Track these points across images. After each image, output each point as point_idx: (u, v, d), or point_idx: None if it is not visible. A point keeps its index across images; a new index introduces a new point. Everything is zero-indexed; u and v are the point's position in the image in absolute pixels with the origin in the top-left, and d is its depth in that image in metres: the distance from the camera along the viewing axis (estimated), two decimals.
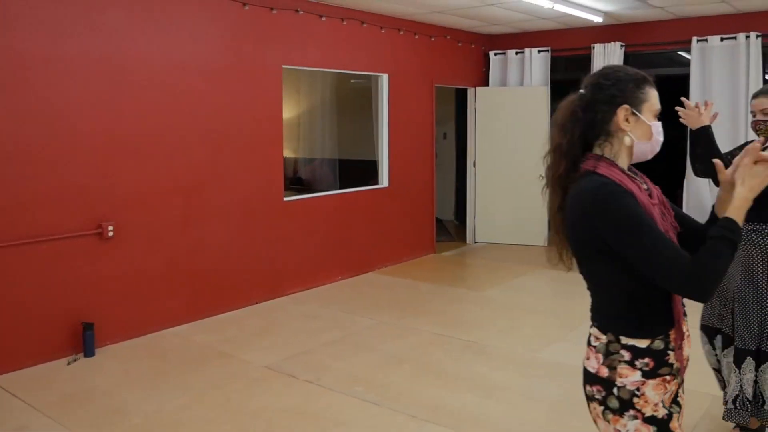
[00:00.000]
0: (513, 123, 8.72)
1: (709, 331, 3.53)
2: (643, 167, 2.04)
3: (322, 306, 6.15)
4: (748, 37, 7.30)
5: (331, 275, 6.93)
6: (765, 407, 3.28)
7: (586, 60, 8.29)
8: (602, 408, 1.81)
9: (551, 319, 5.93)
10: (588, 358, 1.88)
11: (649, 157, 1.92)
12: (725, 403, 3.36)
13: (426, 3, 6.64)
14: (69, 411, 3.90)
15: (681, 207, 7.93)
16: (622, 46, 8.07)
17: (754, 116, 3.34)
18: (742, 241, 3.09)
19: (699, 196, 7.67)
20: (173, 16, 5.33)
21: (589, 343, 1.90)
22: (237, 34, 5.83)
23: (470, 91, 8.96)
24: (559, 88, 8.90)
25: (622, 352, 1.78)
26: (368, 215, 7.38)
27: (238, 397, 4.12)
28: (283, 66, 6.29)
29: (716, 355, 3.53)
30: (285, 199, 6.45)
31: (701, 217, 3.55)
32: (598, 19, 7.47)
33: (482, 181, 8.96)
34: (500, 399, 4.11)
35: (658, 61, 8.34)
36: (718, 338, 3.48)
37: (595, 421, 1.88)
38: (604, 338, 1.83)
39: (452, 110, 10.09)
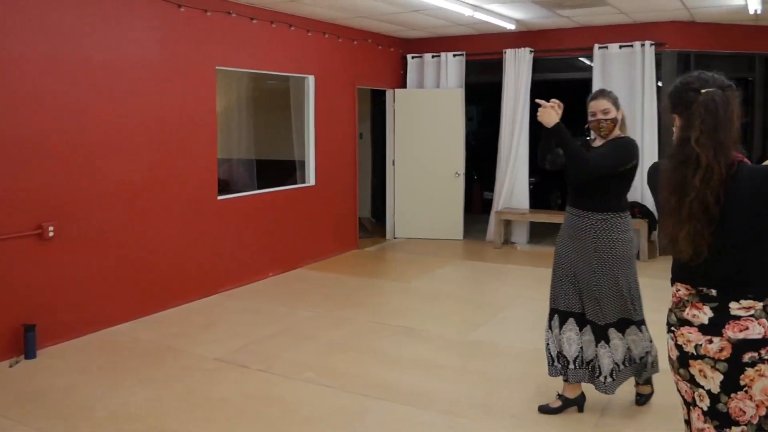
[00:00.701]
0: (430, 123, 9.16)
1: (563, 316, 3.77)
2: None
3: (259, 301, 6.34)
4: (643, 45, 8.04)
5: (262, 272, 7.11)
6: (646, 371, 3.75)
7: (499, 64, 8.85)
8: None
9: (475, 305, 6.39)
10: (746, 329, 2.02)
11: None
12: (604, 378, 3.65)
13: (353, 8, 6.94)
14: (29, 410, 3.93)
15: (556, 194, 8.61)
16: (531, 51, 8.66)
17: (594, 116, 3.69)
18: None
19: None
20: (110, 17, 5.37)
21: (736, 318, 2.04)
22: (172, 36, 5.93)
23: (389, 93, 9.33)
24: (473, 91, 9.45)
25: None
26: (297, 213, 7.61)
27: (199, 387, 4.29)
28: (217, 67, 6.43)
29: (560, 343, 3.76)
30: (219, 198, 6.59)
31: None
32: (510, 26, 8.01)
33: (401, 179, 9.35)
34: (441, 376, 4.48)
35: (563, 66, 8.99)
36: (571, 320, 3.73)
37: (749, 386, 2.02)
38: (760, 305, 2.03)
39: (368, 111, 10.42)
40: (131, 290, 5.65)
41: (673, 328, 2.18)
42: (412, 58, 9.42)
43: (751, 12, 6.81)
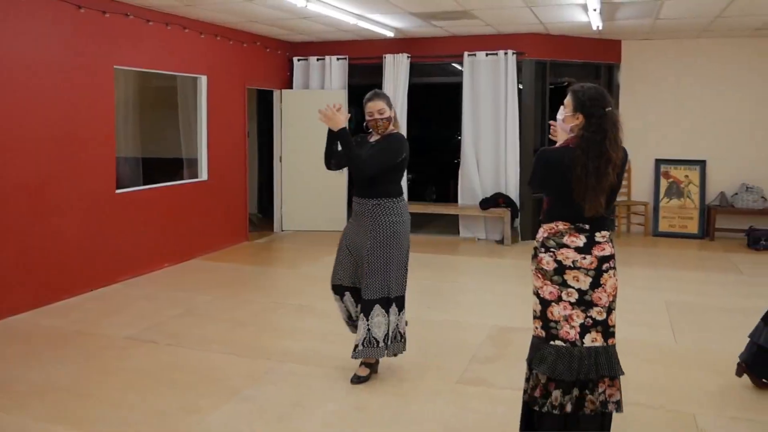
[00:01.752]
0: (314, 122, 9.63)
1: (339, 290, 4.32)
2: (423, 162, 3.11)
3: (159, 288, 6.70)
4: (506, 53, 9.00)
5: (159, 262, 7.44)
6: (397, 342, 4.26)
7: (379, 68, 9.57)
8: None
9: None
10: (604, 249, 3.07)
11: None
12: (356, 346, 4.18)
13: (245, 13, 7.41)
14: None
15: (457, 191, 9.53)
16: (408, 57, 9.44)
17: (371, 116, 4.09)
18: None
19: (471, 183, 9.26)
20: (9, 16, 5.57)
21: (599, 243, 3.07)
22: (72, 36, 6.18)
23: (276, 93, 9.83)
24: (356, 92, 10.11)
25: None
26: (191, 206, 7.98)
27: (114, 361, 4.67)
28: (115, 66, 6.73)
29: (348, 310, 4.35)
30: (117, 191, 6.88)
31: (473, 197, 4.77)
32: (390, 34, 8.75)
33: (287, 174, 9.87)
34: (334, 341, 5.08)
35: (437, 71, 9.82)
36: (347, 294, 4.30)
37: (604, 283, 3.08)
38: (608, 234, 3.09)
39: (254, 110, 10.84)
40: (31, 281, 5.86)
41: (552, 249, 3.11)
42: (298, 60, 9.97)
43: (594, 28, 7.90)
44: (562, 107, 3.28)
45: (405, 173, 4.30)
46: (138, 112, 10.15)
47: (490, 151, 9.20)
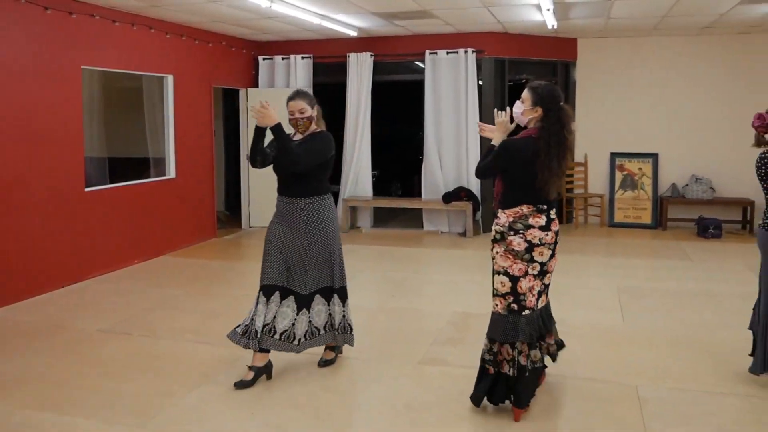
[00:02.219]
0: (280, 119, 9.88)
1: (269, 291, 4.19)
2: (388, 158, 3.37)
3: (129, 284, 6.85)
4: (466, 52, 9.29)
5: (129, 259, 7.58)
6: (346, 333, 4.38)
7: (343, 66, 9.79)
8: None
9: None
10: (557, 225, 3.64)
11: None
12: (299, 340, 4.19)
13: (210, 13, 7.58)
14: None
15: (420, 187, 9.80)
16: (371, 55, 9.68)
17: (292, 115, 4.15)
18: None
19: (434, 178, 9.54)
20: None
21: (553, 219, 3.60)
22: (39, 37, 6.30)
23: (242, 92, 10.00)
24: (321, 90, 10.32)
25: None
26: (159, 204, 8.12)
27: (89, 351, 4.84)
28: (82, 67, 6.86)
29: (265, 315, 4.18)
30: (86, 189, 7.01)
31: (436, 191, 5.04)
32: (353, 33, 8.98)
33: (254, 172, 10.02)
34: None
35: (400, 69, 10.06)
36: (276, 295, 4.18)
37: (555, 253, 3.67)
38: (554, 211, 3.65)
39: (220, 109, 10.98)
40: (2, 278, 5.97)
41: (521, 231, 3.54)
42: (264, 59, 10.14)
43: (549, 27, 8.22)
44: (519, 102, 3.69)
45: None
46: (104, 111, 10.23)
47: (452, 147, 9.49)
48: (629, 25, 8.68)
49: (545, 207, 3.59)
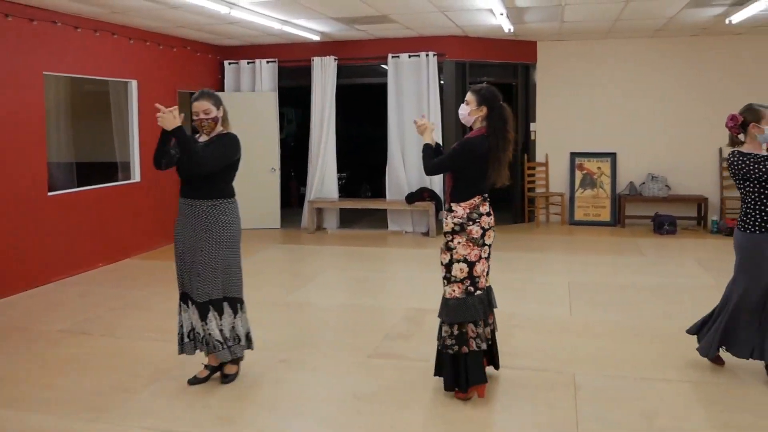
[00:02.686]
0: (247, 124, 9.99)
1: (185, 297, 4.22)
2: (356, 160, 3.55)
3: (94, 286, 6.94)
4: (428, 55, 9.50)
5: (92, 262, 7.66)
6: (237, 345, 4.24)
7: (307, 70, 9.95)
8: None
9: (290, 276, 7.44)
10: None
11: None
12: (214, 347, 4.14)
13: (172, 19, 7.70)
14: None
15: (384, 188, 9.97)
16: (335, 59, 9.84)
17: (197, 116, 4.08)
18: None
19: (398, 179, 9.72)
20: None
21: (491, 203, 3.97)
22: (0, 43, 6.40)
23: None
24: (286, 93, 10.50)
25: None
26: (124, 207, 8.22)
27: (50, 351, 4.95)
28: (44, 72, 6.95)
29: (183, 322, 4.22)
30: (49, 194, 7.09)
31: (400, 192, 5.20)
32: (316, 38, 9.14)
33: None
34: (267, 327, 5.44)
35: (365, 72, 10.23)
36: (186, 299, 4.20)
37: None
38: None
39: (188, 113, 11.04)
40: None
41: (477, 220, 3.86)
42: (229, 64, 10.27)
43: (506, 30, 8.44)
44: (464, 105, 4.03)
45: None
46: (72, 117, 10.27)
47: (415, 148, 9.67)
48: (585, 28, 8.93)
49: (486, 195, 3.98)
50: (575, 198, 10.30)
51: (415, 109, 9.61)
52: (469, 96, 3.99)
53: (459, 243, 3.88)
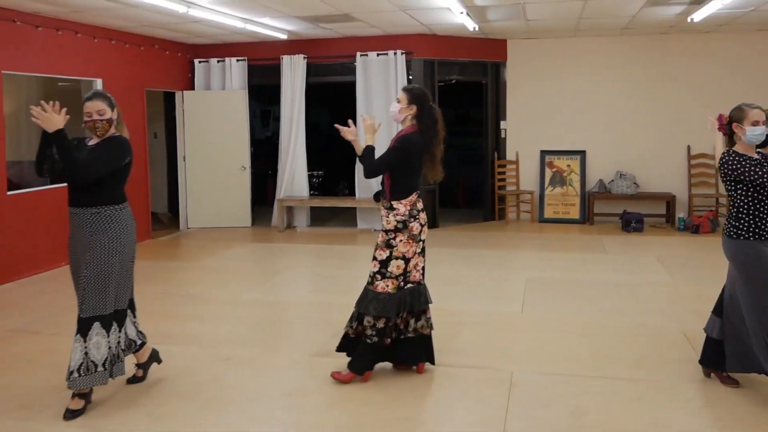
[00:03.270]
0: (217, 122, 10.06)
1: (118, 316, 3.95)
2: (331, 159, 3.57)
3: (53, 286, 6.91)
4: (395, 53, 9.51)
5: (55, 261, 7.64)
6: (119, 362, 3.91)
7: (277, 68, 9.95)
8: None
9: (252, 274, 7.45)
10: None
11: None
12: (70, 372, 3.75)
13: (136, 18, 7.69)
14: None
15: (354, 187, 9.99)
16: (304, 57, 9.85)
17: (90, 117, 3.79)
18: None
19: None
20: None
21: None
22: None
23: (178, 95, 10.10)
24: (256, 91, 10.51)
25: None
26: None
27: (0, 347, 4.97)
28: (4, 72, 6.94)
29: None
30: (8, 193, 7.08)
31: (369, 190, 5.15)
32: (283, 36, 9.14)
33: (191, 173, 10.15)
34: (218, 324, 5.47)
35: (334, 70, 10.24)
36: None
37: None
38: None
39: (162, 112, 11.06)
40: None
41: (417, 216, 4.01)
42: (199, 62, 10.26)
43: (470, 29, 8.46)
44: (395, 103, 4.16)
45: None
46: None
47: (384, 146, 9.65)
48: (552, 26, 8.95)
49: (418, 191, 4.13)
50: (545, 196, 10.34)
51: (383, 107, 9.61)
52: (401, 95, 4.16)
53: (401, 241, 3.98)
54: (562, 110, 10.24)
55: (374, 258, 4.04)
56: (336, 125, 4.30)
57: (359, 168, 9.83)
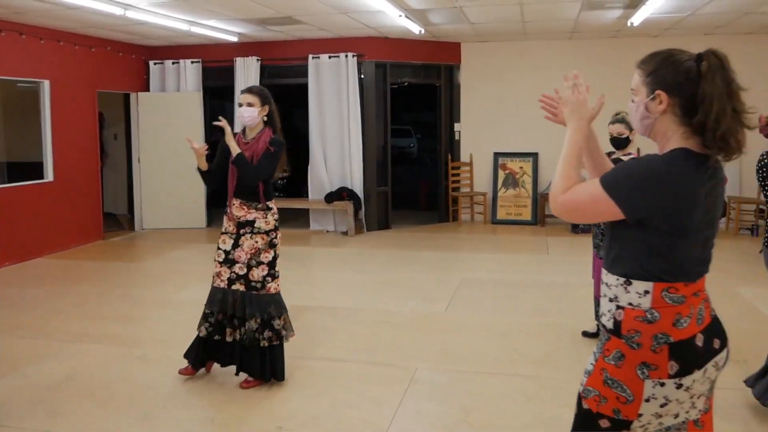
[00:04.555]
0: (172, 123, 10.09)
1: None
2: (300, 160, 3.63)
3: None
4: (347, 56, 9.58)
5: None
6: None
7: (231, 70, 10.00)
8: None
9: (191, 276, 7.48)
10: None
11: None
12: None
13: (80, 19, 7.73)
14: None
15: (307, 186, 10.04)
16: (258, 60, 9.91)
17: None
18: None
19: (319, 179, 9.84)
20: None
21: None
22: None
23: (133, 96, 10.14)
24: (210, 93, 10.56)
25: None
26: (35, 207, 8.22)
27: None
28: None
29: None
30: None
31: (322, 191, 5.26)
32: (233, 39, 9.20)
33: (147, 174, 10.19)
34: (142, 324, 5.53)
35: (289, 72, 10.30)
36: None
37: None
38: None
39: (122, 113, 11.09)
40: None
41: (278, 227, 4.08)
42: (154, 64, 10.30)
43: (416, 32, 8.55)
44: (247, 106, 4.11)
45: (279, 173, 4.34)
46: (2, 117, 10.25)
47: (336, 148, 9.77)
48: (499, 29, 9.05)
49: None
50: (498, 197, 10.44)
51: (335, 109, 9.70)
52: (251, 98, 4.09)
53: (279, 238, 4.13)
54: (516, 112, 10.34)
55: (259, 264, 4.05)
56: (217, 122, 4.15)
57: (312, 170, 9.91)
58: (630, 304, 1.85)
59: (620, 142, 4.76)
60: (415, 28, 8.26)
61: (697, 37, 9.60)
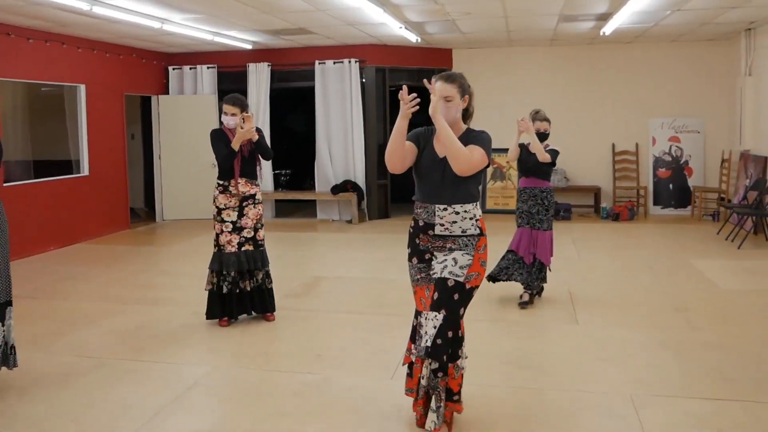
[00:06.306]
0: (189, 123, 11.09)
1: None
2: (297, 156, 4.71)
3: (43, 264, 7.92)
4: (350, 62, 10.62)
5: (44, 246, 8.64)
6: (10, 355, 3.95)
7: (244, 75, 11.01)
8: None
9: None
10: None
11: None
12: None
13: (115, 31, 8.73)
14: None
15: (309, 180, 11.06)
16: (269, 65, 10.92)
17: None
18: None
19: (325, 172, 10.85)
20: None
21: None
22: None
23: (154, 99, 11.13)
24: (225, 95, 11.51)
25: None
26: (74, 198, 9.22)
27: None
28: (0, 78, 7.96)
29: None
30: (5, 185, 8.08)
31: (328, 184, 6.21)
32: (248, 47, 10.22)
33: (166, 170, 11.17)
34: (189, 291, 6.51)
35: (296, 76, 11.32)
36: None
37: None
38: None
39: (138, 114, 12.06)
40: None
41: None
42: (173, 69, 11.30)
43: (413, 41, 9.59)
44: (231, 116, 5.29)
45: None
46: (27, 118, 11.18)
47: (341, 145, 10.81)
48: (487, 37, 10.12)
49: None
50: (487, 189, 11.50)
51: (339, 110, 10.74)
52: (234, 109, 5.26)
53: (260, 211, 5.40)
54: (503, 112, 11.38)
55: (262, 226, 5.38)
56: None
57: (319, 165, 10.93)
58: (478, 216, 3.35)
59: (544, 136, 5.92)
60: (413, 38, 9.30)
61: (665, 43, 10.72)
